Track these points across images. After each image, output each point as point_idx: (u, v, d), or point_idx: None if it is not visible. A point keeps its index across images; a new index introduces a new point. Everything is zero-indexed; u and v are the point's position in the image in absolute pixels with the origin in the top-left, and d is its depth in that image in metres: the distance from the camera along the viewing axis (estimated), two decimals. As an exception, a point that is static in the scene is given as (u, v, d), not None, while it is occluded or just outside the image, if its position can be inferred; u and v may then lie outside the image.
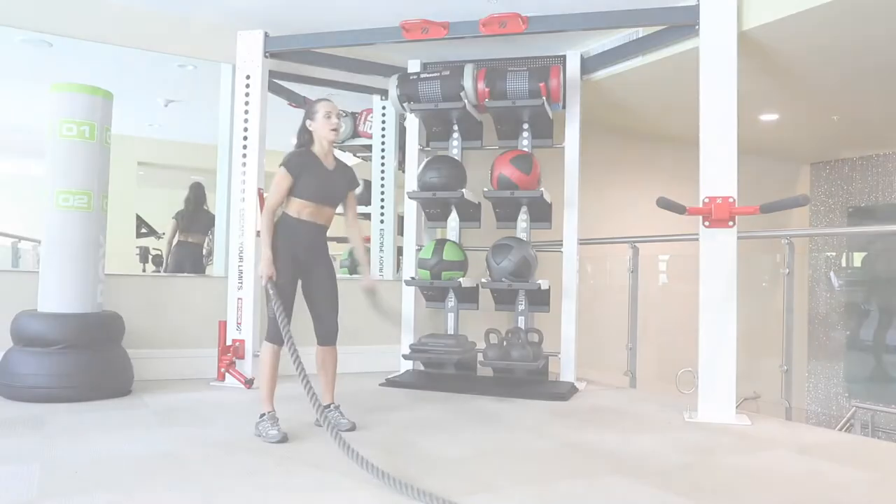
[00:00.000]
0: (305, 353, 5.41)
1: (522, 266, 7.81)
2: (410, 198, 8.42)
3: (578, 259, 8.45)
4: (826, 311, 12.31)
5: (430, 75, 8.28)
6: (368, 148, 10.17)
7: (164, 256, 11.28)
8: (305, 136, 5.81)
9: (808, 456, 5.40)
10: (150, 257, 12.05)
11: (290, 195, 5.67)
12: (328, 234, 5.93)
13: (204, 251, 11.06)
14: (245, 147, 8.17)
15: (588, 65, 8.75)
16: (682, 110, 8.55)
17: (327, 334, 5.89)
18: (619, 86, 9.24)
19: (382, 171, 9.98)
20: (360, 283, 6.07)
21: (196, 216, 11.05)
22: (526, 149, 8.44)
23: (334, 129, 5.77)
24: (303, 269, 5.77)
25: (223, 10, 8.15)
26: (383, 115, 9.95)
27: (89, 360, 6.88)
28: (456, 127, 8.67)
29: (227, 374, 7.90)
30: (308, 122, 5.79)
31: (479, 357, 8.10)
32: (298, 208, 5.66)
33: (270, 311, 5.60)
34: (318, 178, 5.71)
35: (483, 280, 8.07)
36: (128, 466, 4.64)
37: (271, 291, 5.50)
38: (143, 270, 11.87)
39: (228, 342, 8.01)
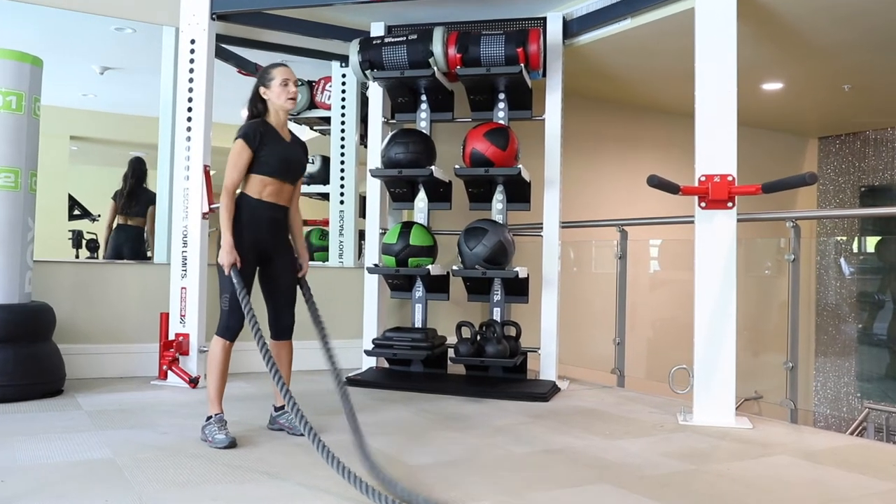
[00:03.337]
0: (257, 350, 5.40)
1: (498, 252, 7.82)
2: (374, 176, 8.39)
3: (560, 244, 8.46)
4: (836, 301, 12.35)
5: (396, 39, 8.26)
6: (327, 120, 10.16)
7: (104, 241, 11.23)
8: (259, 105, 5.77)
9: (815, 463, 5.44)
10: (84, 242, 11.98)
11: (249, 172, 5.64)
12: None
13: (145, 235, 11.01)
14: (189, 119, 8.12)
15: (571, 28, 8.74)
16: (676, 79, 8.58)
17: (283, 328, 5.90)
18: (605, 51, 9.26)
19: (342, 147, 9.97)
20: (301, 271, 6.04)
21: (136, 196, 11.00)
22: (502, 121, 8.43)
23: (292, 99, 5.72)
24: (263, 257, 5.76)
25: (164, -35, 8.13)
26: (343, 83, 9.94)
27: (15, 356, 6.84)
28: (424, 97, 8.67)
29: (169, 373, 7.87)
30: (262, 90, 5.72)
31: (450, 353, 8.13)
32: (259, 187, 5.63)
33: (223, 303, 5.60)
34: (279, 152, 5.68)
35: (454, 267, 8.06)
36: (59, 474, 4.63)
37: (235, 280, 5.47)
38: (77, 257, 11.80)
39: (171, 336, 7.98)
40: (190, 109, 8.13)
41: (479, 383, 7.96)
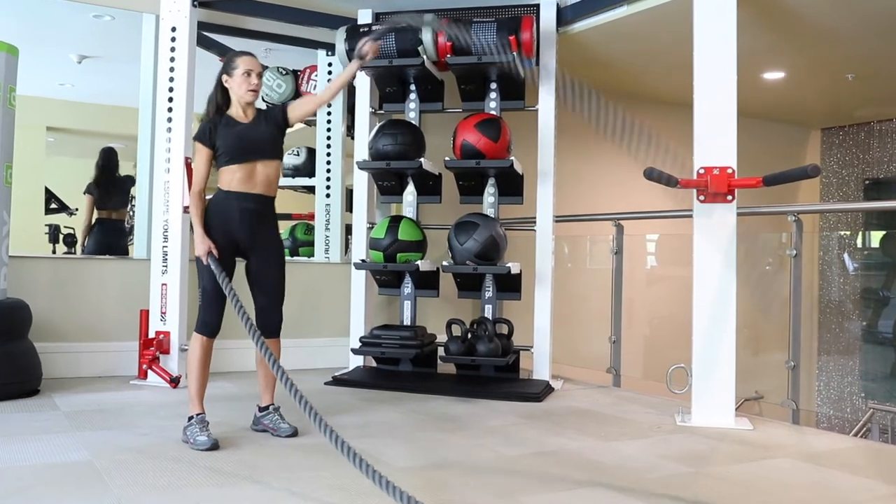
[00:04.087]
0: (239, 347, 5.40)
1: (490, 247, 7.82)
2: (361, 168, 8.40)
3: (554, 239, 8.47)
4: (839, 298, 12.33)
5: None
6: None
7: (82, 237, 11.20)
8: (219, 94, 5.78)
9: (817, 465, 5.45)
10: (62, 237, 11.96)
11: (217, 167, 5.69)
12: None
13: (126, 227, 11.00)
14: (170, 110, 8.09)
15: (565, 15, 8.75)
16: (674, 67, 8.57)
17: (270, 325, 5.89)
18: (600, 39, 9.26)
19: (328, 138, 9.97)
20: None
21: (113, 186, 10.98)
22: (493, 112, 8.44)
23: (253, 90, 5.73)
24: (242, 251, 5.77)
25: (144, -50, 8.11)
26: (329, 72, 9.91)
27: (-10, 355, 6.84)
28: (413, 87, 8.66)
29: (149, 372, 7.86)
30: (224, 78, 5.75)
31: (440, 352, 8.13)
32: (228, 177, 5.65)
33: (201, 298, 5.59)
34: (234, 134, 5.68)
35: (444, 263, 8.08)
36: (35, 477, 4.63)
37: (214, 267, 5.47)
38: (54, 252, 11.80)
39: (151, 334, 7.97)
40: (171, 100, 8.09)
41: (469, 383, 7.96)
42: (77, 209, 11.59)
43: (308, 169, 10.15)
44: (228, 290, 5.40)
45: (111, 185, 10.97)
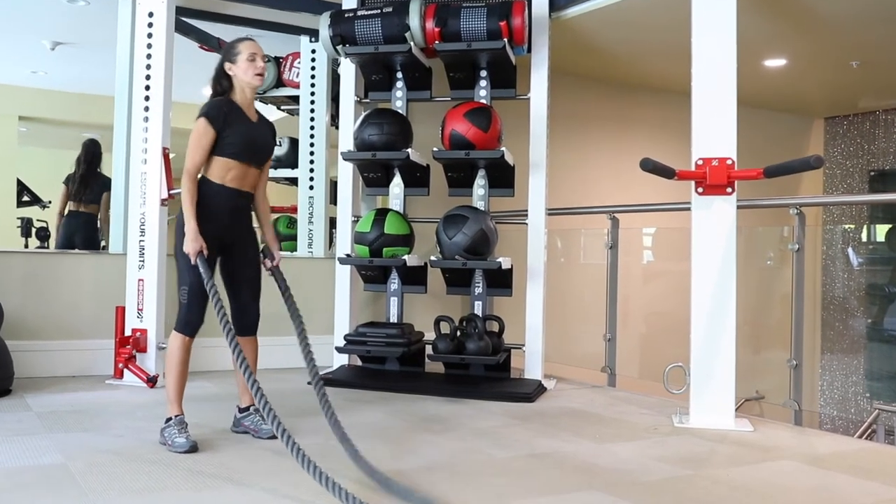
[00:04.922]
0: (219, 346, 5.39)
1: (479, 241, 7.81)
2: (345, 159, 8.38)
3: (547, 233, 8.47)
4: (843, 294, 12.34)
5: (369, 12, 8.25)
6: (295, 100, 10.16)
7: (56, 229, 11.19)
8: (225, 82, 5.74)
9: (820, 468, 5.44)
10: (34, 230, 11.95)
11: (211, 154, 5.61)
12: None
13: (98, 223, 10.97)
14: (147, 99, 8.06)
15: (558, 0, 8.73)
16: (672, 54, 8.55)
17: (248, 323, 5.90)
18: (595, 25, 9.25)
19: (312, 128, 9.96)
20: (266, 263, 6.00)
21: (89, 180, 10.95)
22: (484, 101, 8.43)
23: (259, 74, 5.70)
24: (225, 247, 5.74)
25: (119, -68, 8.09)
26: (313, 60, 9.93)
27: (-42, 354, 6.83)
28: (400, 74, 8.64)
29: (125, 371, 7.85)
30: (227, 66, 5.69)
31: (428, 350, 8.12)
32: (222, 171, 5.59)
33: (182, 296, 5.57)
34: (245, 132, 5.65)
35: (432, 258, 8.06)
36: (6, 481, 4.61)
37: (202, 269, 5.43)
38: (26, 246, 11.80)
39: (128, 332, 7.95)
40: (148, 88, 8.06)
41: (459, 382, 7.96)
42: (50, 202, 11.58)
43: (291, 160, 10.14)
44: (213, 296, 5.37)
45: (87, 179, 10.93)
